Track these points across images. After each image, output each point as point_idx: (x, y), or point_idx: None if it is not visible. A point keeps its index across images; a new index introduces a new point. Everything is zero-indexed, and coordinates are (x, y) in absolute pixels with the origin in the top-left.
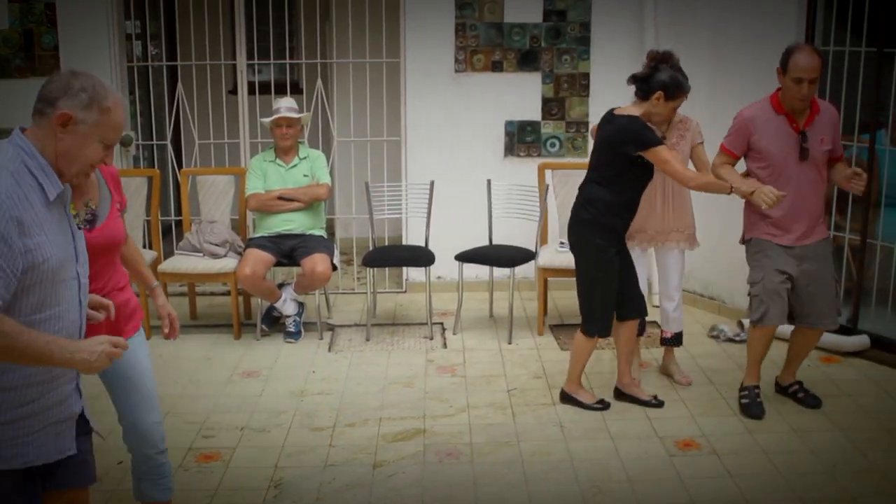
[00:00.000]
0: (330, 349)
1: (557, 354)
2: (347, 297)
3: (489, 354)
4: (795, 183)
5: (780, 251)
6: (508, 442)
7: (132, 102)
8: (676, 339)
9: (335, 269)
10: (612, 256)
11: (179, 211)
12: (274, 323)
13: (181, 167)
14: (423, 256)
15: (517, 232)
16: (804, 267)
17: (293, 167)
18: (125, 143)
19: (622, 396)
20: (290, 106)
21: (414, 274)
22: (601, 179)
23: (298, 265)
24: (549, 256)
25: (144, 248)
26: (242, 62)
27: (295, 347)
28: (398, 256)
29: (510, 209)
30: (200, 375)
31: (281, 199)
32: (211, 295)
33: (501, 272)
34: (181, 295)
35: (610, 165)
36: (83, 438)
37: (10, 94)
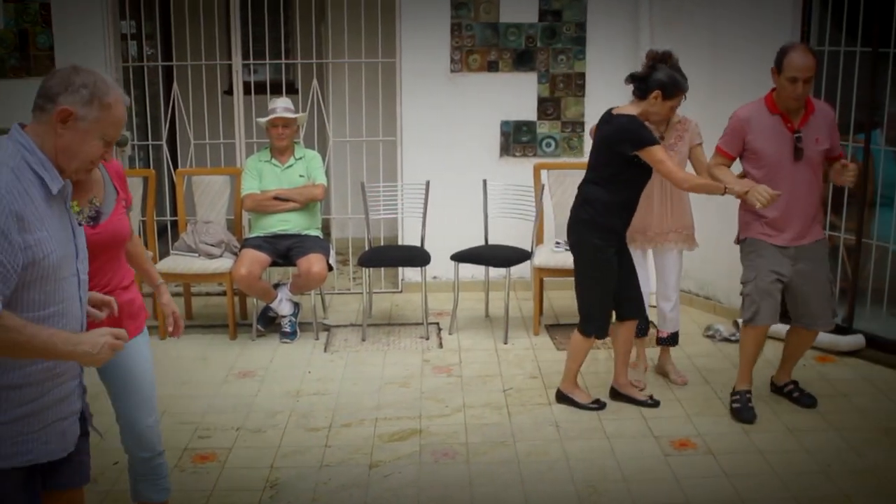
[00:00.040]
0: (326, 349)
1: (553, 354)
2: (343, 297)
3: (485, 354)
4: (790, 183)
5: (774, 251)
6: (504, 442)
7: None
8: (672, 338)
9: (331, 269)
10: (610, 257)
11: (175, 211)
12: (270, 323)
13: (177, 167)
14: (418, 256)
15: (513, 232)
16: (799, 267)
17: (289, 167)
18: (121, 143)
19: (618, 396)
20: (286, 106)
21: (410, 274)
22: (599, 179)
23: (294, 265)
24: (544, 256)
25: None
26: (238, 62)
27: (291, 348)
28: (394, 256)
29: (506, 209)
30: (196, 376)
31: (277, 199)
32: (207, 295)
33: (497, 272)
34: (177, 295)
35: (608, 165)
36: (82, 438)
37: (5, 94)
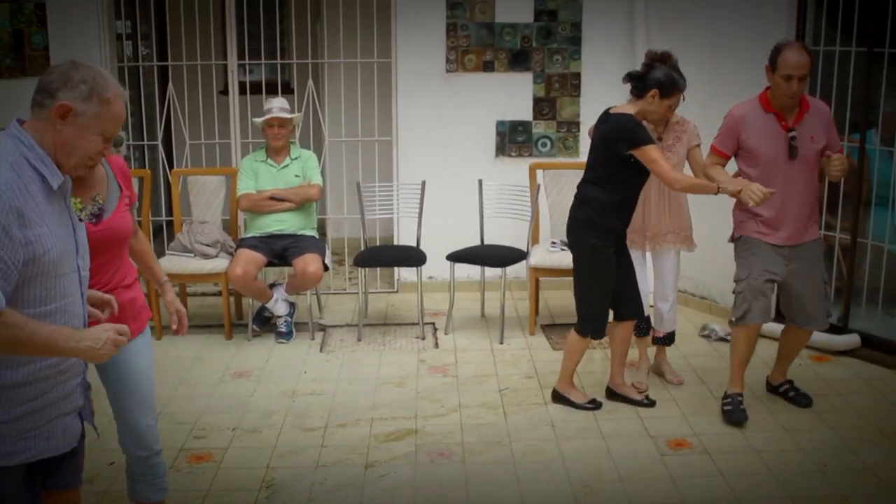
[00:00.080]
0: (321, 349)
1: (549, 354)
2: (339, 297)
3: (481, 354)
4: (785, 182)
5: (768, 250)
6: (500, 442)
7: None
8: (669, 338)
9: (327, 269)
10: (608, 257)
11: (170, 211)
12: (265, 323)
13: (172, 167)
14: (414, 256)
15: (508, 232)
16: (793, 267)
17: (284, 167)
18: (116, 143)
19: (614, 396)
20: (282, 106)
21: (405, 274)
22: (597, 179)
23: (290, 265)
24: (540, 256)
25: None
26: (233, 62)
27: (286, 348)
28: (389, 256)
29: (501, 209)
30: (192, 376)
31: (272, 199)
32: (202, 295)
33: (493, 272)
34: None
35: (605, 165)
36: (80, 439)
37: (0, 94)
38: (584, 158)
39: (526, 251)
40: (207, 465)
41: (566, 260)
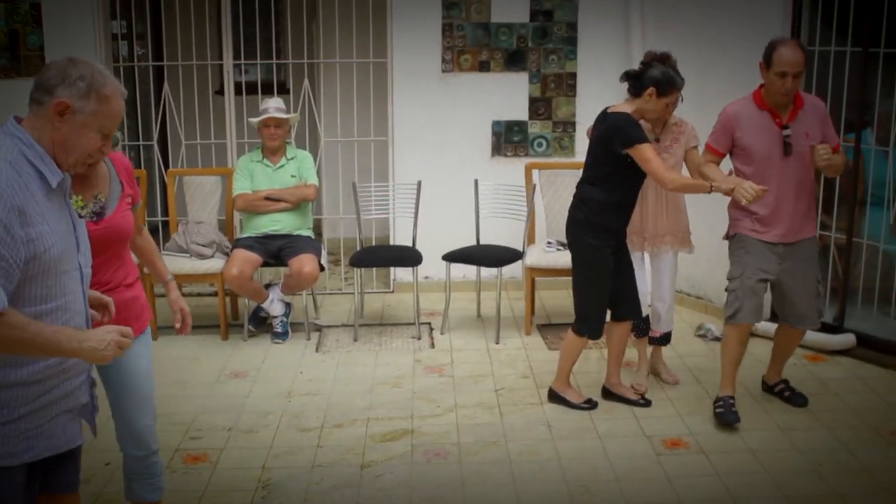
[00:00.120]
0: (317, 350)
1: (545, 354)
2: (335, 297)
3: (477, 354)
4: (780, 179)
5: (762, 249)
6: (496, 442)
7: None
8: (665, 338)
9: (322, 269)
10: (606, 257)
11: (166, 212)
12: (261, 323)
13: (168, 168)
14: (410, 256)
15: (504, 232)
16: (787, 266)
17: (280, 167)
18: (112, 143)
19: (610, 396)
20: (278, 106)
21: (401, 274)
22: (595, 179)
23: (286, 265)
24: (536, 256)
25: None
26: (229, 62)
27: (282, 348)
28: (385, 256)
29: (497, 209)
30: (187, 376)
31: (268, 199)
32: (198, 296)
33: (489, 272)
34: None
35: (603, 164)
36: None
37: None
38: (579, 158)
39: (522, 251)
40: (203, 465)
41: (562, 260)
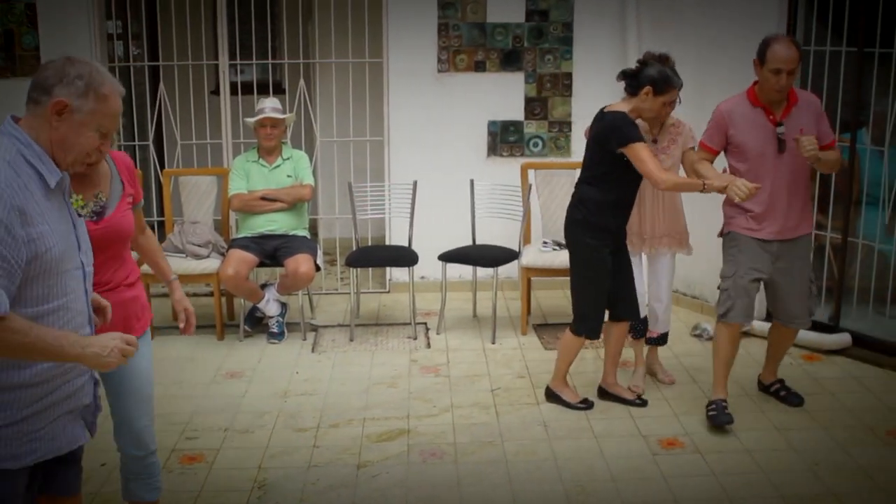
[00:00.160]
0: (313, 350)
1: (541, 354)
2: (331, 297)
3: (473, 354)
4: (774, 176)
5: (756, 247)
6: (492, 441)
7: None
8: (662, 339)
9: (318, 269)
10: (604, 256)
11: (162, 212)
12: (257, 323)
13: (163, 168)
14: (406, 256)
15: (500, 232)
16: (780, 265)
17: (276, 167)
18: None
19: (606, 395)
20: (274, 106)
21: (397, 274)
22: (592, 179)
23: (281, 266)
24: (532, 256)
25: None
26: (225, 62)
27: (278, 348)
28: (381, 256)
29: (493, 209)
30: (183, 376)
31: (264, 199)
32: (194, 296)
33: (485, 272)
34: (164, 296)
35: (600, 164)
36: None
37: None
38: (575, 158)
39: (518, 251)
40: (199, 465)
41: (558, 260)
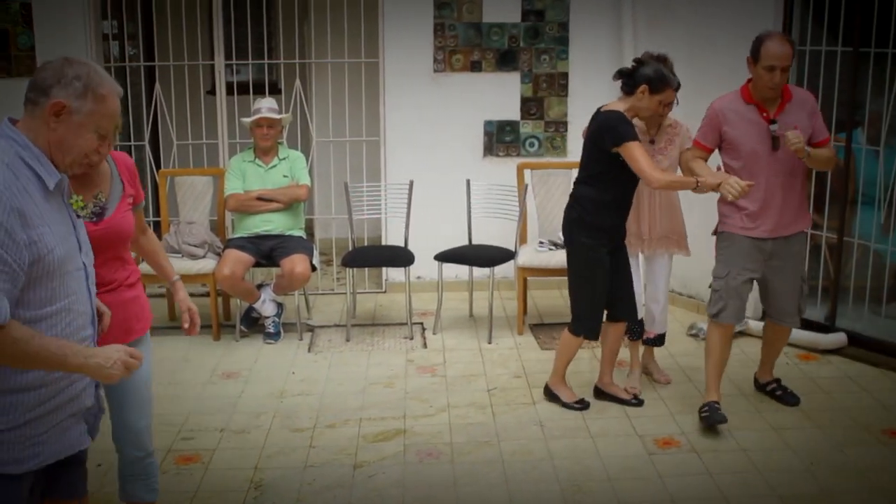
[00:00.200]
0: (310, 350)
1: (537, 354)
2: (327, 297)
3: (469, 354)
4: (769, 173)
5: (749, 247)
6: (489, 441)
7: None
8: (659, 339)
9: (314, 269)
10: (601, 256)
11: (158, 212)
12: (253, 324)
13: (159, 168)
14: (402, 256)
15: (496, 232)
16: (773, 263)
17: (272, 168)
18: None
19: (602, 395)
20: (270, 106)
21: (393, 274)
22: (588, 178)
23: (277, 266)
24: (528, 256)
25: None
26: (220, 62)
27: (274, 348)
28: (378, 256)
29: (489, 209)
30: (179, 377)
31: (260, 199)
32: (190, 296)
33: (481, 272)
34: (160, 296)
35: (596, 163)
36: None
37: None
38: (571, 158)
39: (514, 251)
40: (195, 466)
41: (554, 260)
